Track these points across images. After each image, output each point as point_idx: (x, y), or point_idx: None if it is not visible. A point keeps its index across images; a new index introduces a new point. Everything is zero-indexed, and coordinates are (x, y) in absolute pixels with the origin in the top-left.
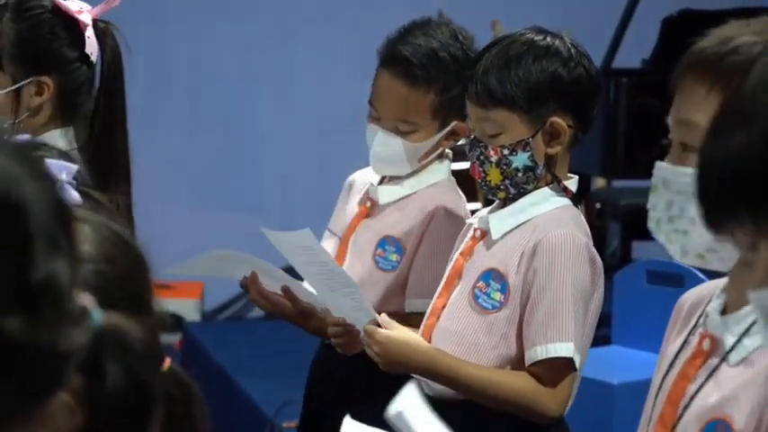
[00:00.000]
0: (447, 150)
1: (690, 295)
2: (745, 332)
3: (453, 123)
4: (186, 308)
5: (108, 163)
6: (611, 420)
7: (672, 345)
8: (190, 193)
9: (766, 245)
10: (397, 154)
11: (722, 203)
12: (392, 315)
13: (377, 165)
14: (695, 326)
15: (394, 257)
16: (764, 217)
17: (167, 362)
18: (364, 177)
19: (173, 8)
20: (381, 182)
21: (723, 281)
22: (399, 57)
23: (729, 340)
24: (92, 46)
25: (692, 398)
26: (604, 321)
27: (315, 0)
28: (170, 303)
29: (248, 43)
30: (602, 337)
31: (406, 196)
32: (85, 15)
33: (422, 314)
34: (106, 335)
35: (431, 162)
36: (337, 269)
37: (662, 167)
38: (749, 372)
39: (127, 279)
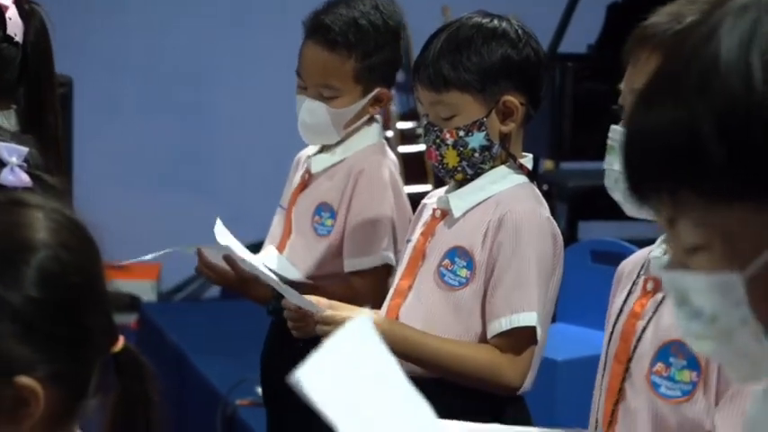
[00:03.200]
0: (376, 116)
1: (628, 262)
2: None
3: (377, 90)
4: (143, 289)
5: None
6: (555, 396)
7: (616, 301)
8: (147, 178)
9: (684, 222)
10: (323, 120)
11: (646, 175)
12: (332, 276)
13: (306, 133)
14: (638, 277)
15: (329, 222)
16: (684, 194)
17: (121, 341)
18: (308, 152)
19: None
20: (317, 154)
21: (659, 241)
22: (321, 25)
23: None
24: (15, 26)
25: (643, 331)
26: None
27: None
28: (127, 284)
29: (205, 31)
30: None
31: (337, 163)
32: None
33: (360, 273)
34: None
35: (358, 129)
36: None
37: (617, 131)
38: None
39: (83, 264)
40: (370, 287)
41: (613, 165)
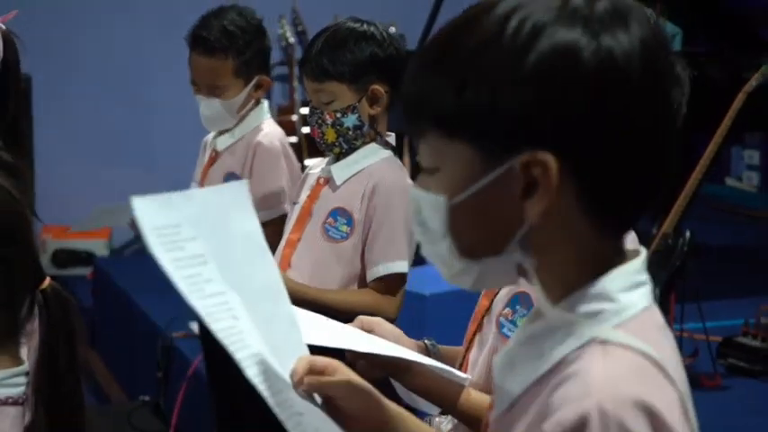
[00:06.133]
0: (261, 100)
1: None
2: None
3: (256, 78)
4: (97, 246)
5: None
6: (425, 323)
7: None
8: (97, 154)
9: (424, 147)
10: (218, 111)
11: (408, 113)
12: None
13: (208, 124)
14: None
15: None
16: (427, 126)
17: (47, 281)
18: (212, 136)
19: (81, 8)
20: (219, 135)
21: None
22: (199, 38)
23: None
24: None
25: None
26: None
27: None
28: (84, 243)
29: (141, 33)
30: (417, 258)
31: (236, 141)
32: None
33: (265, 223)
34: None
35: (249, 112)
36: None
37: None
38: None
39: (12, 224)
40: (276, 233)
41: None
